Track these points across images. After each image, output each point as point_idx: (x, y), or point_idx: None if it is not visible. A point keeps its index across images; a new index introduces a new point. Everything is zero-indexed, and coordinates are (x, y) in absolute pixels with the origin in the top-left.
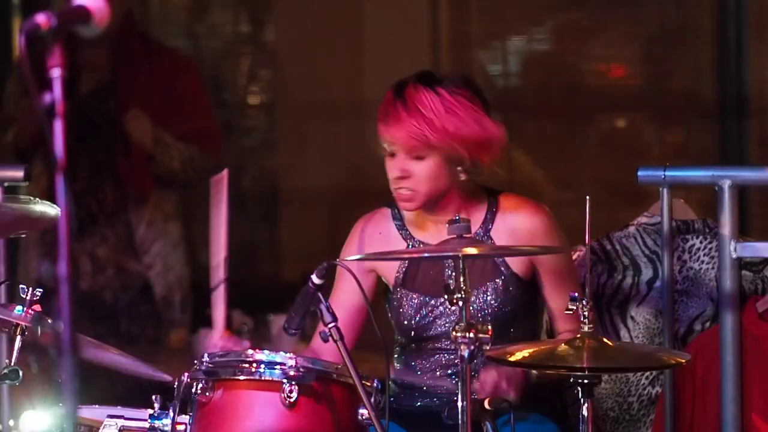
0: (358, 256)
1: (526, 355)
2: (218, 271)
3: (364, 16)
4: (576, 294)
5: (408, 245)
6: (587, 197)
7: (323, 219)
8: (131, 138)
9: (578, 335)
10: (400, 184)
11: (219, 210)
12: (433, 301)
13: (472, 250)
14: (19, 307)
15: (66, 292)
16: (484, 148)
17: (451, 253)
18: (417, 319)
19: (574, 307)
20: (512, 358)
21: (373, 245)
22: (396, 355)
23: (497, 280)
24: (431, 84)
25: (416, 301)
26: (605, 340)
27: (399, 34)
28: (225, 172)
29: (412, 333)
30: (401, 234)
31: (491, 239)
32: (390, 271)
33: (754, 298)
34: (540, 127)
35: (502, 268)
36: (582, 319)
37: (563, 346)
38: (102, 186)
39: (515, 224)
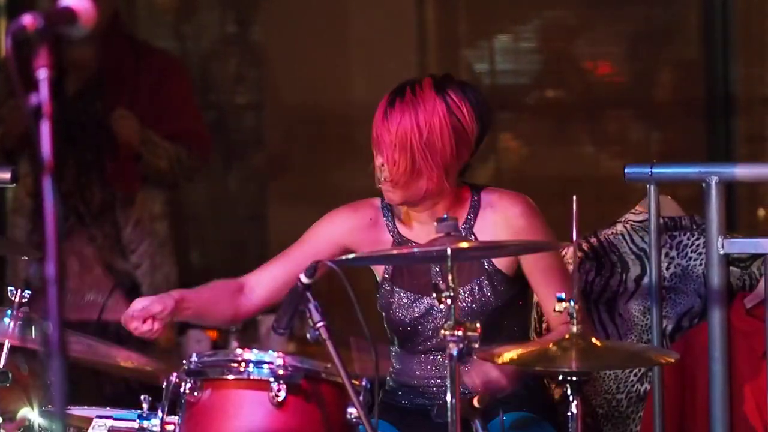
0: (346, 257)
1: (515, 356)
2: None
3: (351, 15)
4: (563, 294)
5: (394, 241)
6: (574, 196)
7: (311, 219)
8: (118, 138)
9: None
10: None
11: None
12: (420, 300)
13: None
14: (7, 310)
15: (54, 293)
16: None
17: (438, 248)
18: (407, 317)
19: (562, 309)
20: (500, 359)
21: (363, 230)
22: (391, 359)
23: (482, 278)
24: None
25: (405, 299)
26: (594, 339)
27: (386, 34)
28: None
29: (400, 328)
30: (388, 227)
31: (474, 236)
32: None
33: (741, 294)
34: (527, 126)
35: (486, 266)
36: (570, 318)
37: (552, 347)
38: (89, 186)
39: (497, 217)
